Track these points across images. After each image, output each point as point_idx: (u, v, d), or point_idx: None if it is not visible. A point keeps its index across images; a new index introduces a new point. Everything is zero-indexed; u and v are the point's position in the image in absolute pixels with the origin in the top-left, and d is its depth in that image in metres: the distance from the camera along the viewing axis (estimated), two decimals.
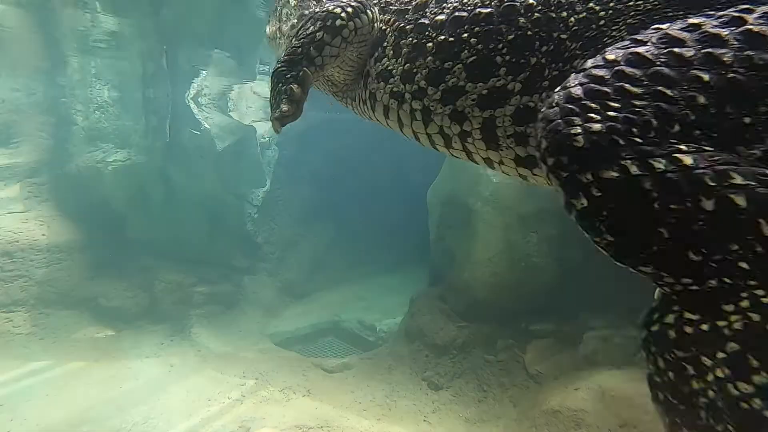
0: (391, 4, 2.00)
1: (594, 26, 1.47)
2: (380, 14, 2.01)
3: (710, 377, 0.94)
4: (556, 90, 1.24)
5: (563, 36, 1.52)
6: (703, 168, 0.97)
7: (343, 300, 11.82)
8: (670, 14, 1.33)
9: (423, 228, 9.79)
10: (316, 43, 1.93)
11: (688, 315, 0.99)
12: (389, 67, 1.89)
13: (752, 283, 0.93)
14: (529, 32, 1.56)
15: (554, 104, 1.19)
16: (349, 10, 1.93)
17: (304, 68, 1.91)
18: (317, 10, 2.05)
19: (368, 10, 1.97)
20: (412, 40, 1.83)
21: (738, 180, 0.95)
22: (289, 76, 1.92)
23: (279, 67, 1.98)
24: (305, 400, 7.29)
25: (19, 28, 10.83)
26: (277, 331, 10.57)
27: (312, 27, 1.97)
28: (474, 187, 8.07)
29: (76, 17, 10.49)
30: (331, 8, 1.96)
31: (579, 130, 1.09)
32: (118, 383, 7.80)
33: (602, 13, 1.46)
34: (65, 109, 11.79)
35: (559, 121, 1.13)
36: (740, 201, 0.93)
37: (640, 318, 1.08)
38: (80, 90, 12.08)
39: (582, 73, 1.20)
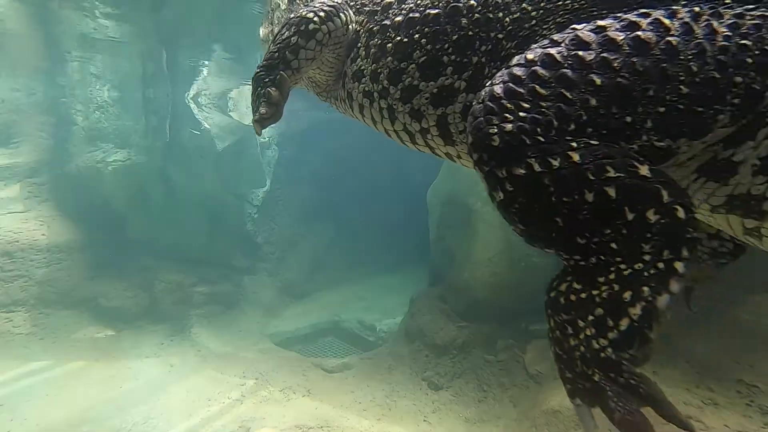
0: (365, 6, 2.06)
1: (527, 26, 1.54)
2: (355, 16, 2.08)
3: (582, 336, 1.15)
4: (487, 84, 1.35)
5: (500, 36, 1.59)
6: (587, 164, 1.13)
7: (343, 300, 11.82)
8: (596, 13, 1.39)
9: (423, 228, 9.78)
10: (291, 48, 2.01)
11: (575, 285, 1.18)
12: (362, 67, 1.96)
13: (618, 259, 1.12)
14: (470, 32, 1.64)
15: (480, 101, 1.31)
16: (322, 14, 2.00)
17: (281, 72, 1.99)
18: (291, 15, 2.13)
19: (341, 14, 2.04)
20: (377, 41, 1.91)
21: (611, 173, 1.12)
22: (267, 80, 2.00)
23: (258, 72, 2.07)
24: (305, 400, 7.29)
25: (19, 28, 10.83)
26: (277, 331, 10.57)
27: (287, 32, 2.04)
28: (474, 187, 8.07)
29: (76, 17, 10.49)
30: (304, 13, 2.04)
31: (496, 129, 1.23)
32: (118, 383, 7.80)
33: (534, 13, 1.53)
34: (65, 109, 11.79)
35: (482, 119, 1.27)
36: (611, 192, 1.11)
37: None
38: (80, 90, 12.08)
39: (507, 71, 1.32)
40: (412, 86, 1.76)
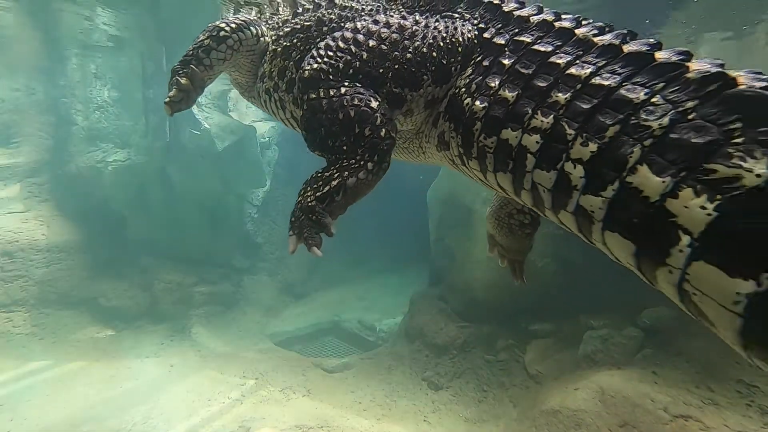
0: (277, 24, 2.57)
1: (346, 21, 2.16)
2: (268, 31, 2.62)
3: (305, 195, 1.77)
4: None
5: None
6: (347, 95, 1.76)
7: (343, 300, 11.82)
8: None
9: (423, 228, 9.78)
10: (203, 48, 2.50)
11: (321, 170, 1.79)
12: (266, 70, 2.45)
13: (344, 156, 1.75)
14: (315, 31, 2.22)
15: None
16: (233, 25, 2.50)
17: (192, 66, 2.46)
18: (209, 25, 2.63)
19: (252, 27, 2.54)
20: (275, 48, 2.43)
21: (356, 102, 1.74)
22: (180, 72, 2.46)
23: (175, 66, 2.52)
24: (305, 400, 7.29)
25: (19, 28, 10.83)
26: (277, 331, 10.57)
27: (202, 37, 2.54)
28: (473, 186, 8.06)
29: (76, 17, 10.48)
30: (218, 24, 2.57)
31: (308, 68, 1.88)
32: (118, 383, 7.80)
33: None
34: (65, 109, 11.79)
35: (304, 62, 1.93)
36: (352, 113, 1.73)
37: None
38: (80, 90, 12.07)
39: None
40: (291, 79, 2.26)
